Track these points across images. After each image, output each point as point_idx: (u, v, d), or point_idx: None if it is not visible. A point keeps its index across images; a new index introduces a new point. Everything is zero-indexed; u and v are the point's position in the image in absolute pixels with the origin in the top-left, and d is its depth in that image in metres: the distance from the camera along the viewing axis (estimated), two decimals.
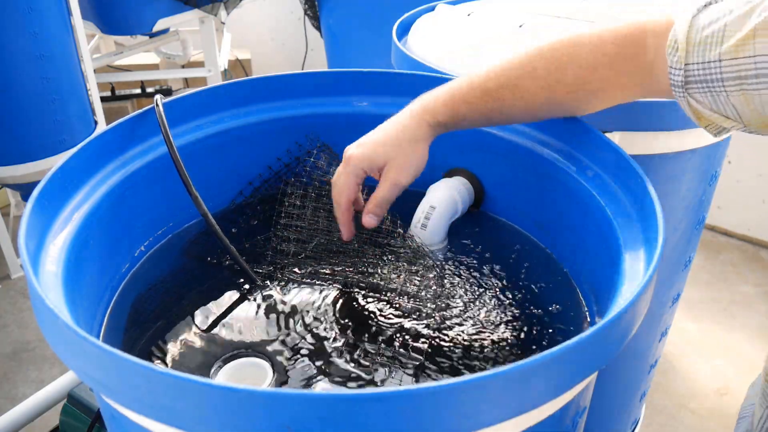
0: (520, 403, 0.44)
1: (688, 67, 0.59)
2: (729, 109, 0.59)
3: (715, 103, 0.59)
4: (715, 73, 0.58)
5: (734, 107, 0.58)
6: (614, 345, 0.48)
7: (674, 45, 0.60)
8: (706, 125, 0.63)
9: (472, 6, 1.27)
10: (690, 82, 0.60)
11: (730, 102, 0.58)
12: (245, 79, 0.85)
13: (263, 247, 0.78)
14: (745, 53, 0.55)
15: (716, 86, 0.58)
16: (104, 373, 0.44)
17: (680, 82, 0.60)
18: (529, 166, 0.79)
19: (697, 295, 2.02)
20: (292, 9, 3.19)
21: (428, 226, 0.80)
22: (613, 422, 1.31)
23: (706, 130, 0.64)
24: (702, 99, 0.60)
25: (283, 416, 0.39)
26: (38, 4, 1.60)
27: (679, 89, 0.61)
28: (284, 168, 0.89)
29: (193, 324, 0.68)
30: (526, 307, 0.71)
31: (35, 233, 0.58)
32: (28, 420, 1.05)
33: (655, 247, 0.55)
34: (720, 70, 0.57)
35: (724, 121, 0.61)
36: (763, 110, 0.56)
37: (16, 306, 1.98)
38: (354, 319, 0.68)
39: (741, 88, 0.56)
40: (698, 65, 0.59)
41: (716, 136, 0.65)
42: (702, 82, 0.59)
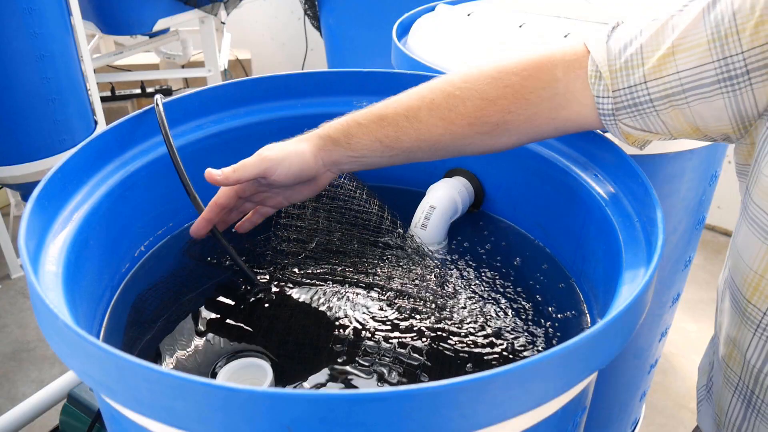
0: (520, 403, 0.43)
1: (615, 94, 0.60)
2: (659, 126, 0.60)
3: (645, 123, 0.60)
4: (643, 95, 0.58)
5: (664, 123, 0.59)
6: (614, 345, 0.48)
7: (596, 73, 0.60)
8: (633, 142, 0.64)
9: (472, 6, 1.27)
10: (619, 108, 0.60)
11: (660, 120, 0.59)
12: (245, 79, 0.85)
13: (263, 246, 0.78)
14: (668, 71, 0.56)
15: (646, 108, 0.59)
16: (104, 373, 0.44)
17: (610, 110, 0.61)
18: (529, 166, 0.79)
19: (697, 295, 2.02)
20: (292, 9, 3.19)
21: (428, 226, 0.80)
22: (613, 422, 1.31)
23: (632, 145, 0.65)
24: (631, 123, 0.61)
25: (283, 416, 0.39)
26: (38, 4, 1.60)
27: (609, 117, 0.61)
28: None
29: (193, 324, 0.68)
30: (526, 307, 0.71)
31: (35, 233, 0.58)
32: (28, 420, 1.05)
33: (655, 247, 0.55)
34: (647, 91, 0.58)
35: (653, 136, 0.62)
36: (694, 121, 0.58)
37: (16, 306, 1.98)
38: (354, 319, 0.68)
39: (670, 104, 0.58)
40: (624, 90, 0.59)
41: (641, 149, 0.66)
42: (631, 106, 0.60)
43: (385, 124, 0.66)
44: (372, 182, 0.84)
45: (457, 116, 0.65)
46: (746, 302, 0.60)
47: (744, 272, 0.59)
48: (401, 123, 0.66)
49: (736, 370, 0.65)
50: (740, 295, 0.61)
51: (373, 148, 0.67)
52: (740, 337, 0.63)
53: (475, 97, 0.64)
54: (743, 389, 0.65)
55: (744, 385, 0.65)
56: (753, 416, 0.66)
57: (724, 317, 0.67)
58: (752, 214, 0.57)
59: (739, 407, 0.67)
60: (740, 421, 0.68)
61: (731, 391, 0.67)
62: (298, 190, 0.72)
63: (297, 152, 0.67)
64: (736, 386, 0.67)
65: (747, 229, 0.58)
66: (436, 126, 0.65)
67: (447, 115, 0.65)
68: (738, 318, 0.62)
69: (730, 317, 0.65)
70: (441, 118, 0.65)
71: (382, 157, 0.68)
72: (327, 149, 0.68)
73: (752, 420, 0.66)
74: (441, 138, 0.66)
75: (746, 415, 0.67)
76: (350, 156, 0.68)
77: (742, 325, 0.62)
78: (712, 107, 0.56)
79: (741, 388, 0.66)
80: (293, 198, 0.74)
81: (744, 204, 0.60)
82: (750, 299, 0.59)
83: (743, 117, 0.56)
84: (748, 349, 0.62)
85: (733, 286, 0.63)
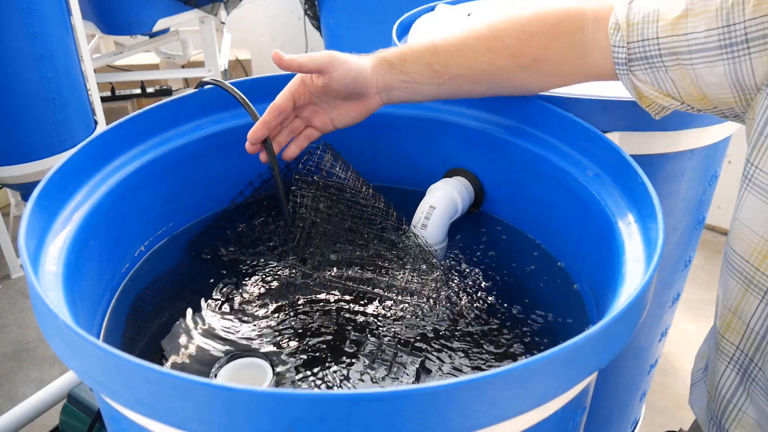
0: (520, 403, 0.44)
1: (630, 46, 0.64)
2: (668, 85, 0.64)
3: (655, 79, 0.64)
4: (654, 49, 0.63)
5: (672, 82, 0.63)
6: (614, 345, 0.48)
7: (615, 26, 0.65)
8: (648, 105, 0.68)
9: (472, 6, 1.27)
10: (632, 59, 0.65)
11: (669, 77, 0.63)
12: (245, 79, 0.85)
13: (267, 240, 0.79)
14: (679, 31, 0.60)
15: (655, 62, 0.63)
16: (104, 373, 0.44)
17: (623, 59, 0.65)
18: (529, 166, 0.79)
19: (697, 295, 2.02)
20: (292, 9, 3.20)
21: (428, 226, 0.80)
22: (613, 422, 1.31)
23: (648, 110, 0.69)
24: (643, 77, 0.65)
25: (283, 416, 0.39)
26: (38, 4, 1.60)
27: (623, 66, 0.66)
28: (284, 168, 0.89)
29: (193, 324, 0.68)
30: (525, 307, 0.71)
31: (35, 233, 0.58)
32: (28, 420, 1.05)
33: (655, 247, 0.55)
34: (658, 46, 0.62)
35: (664, 99, 0.66)
36: (698, 84, 0.61)
37: (16, 306, 1.98)
38: (355, 318, 0.68)
39: (677, 62, 0.61)
40: (638, 43, 0.64)
41: (656, 116, 0.69)
42: (643, 59, 0.64)
43: (435, 51, 0.72)
44: (372, 182, 0.84)
45: (501, 47, 0.71)
46: (755, 270, 0.62)
47: (749, 240, 0.62)
48: (450, 50, 0.72)
49: (733, 341, 0.68)
50: (746, 264, 0.63)
51: (424, 73, 0.73)
52: (744, 306, 0.65)
53: (518, 30, 0.70)
54: (740, 358, 0.67)
55: (742, 354, 0.67)
56: (747, 385, 0.68)
57: (721, 291, 0.69)
58: (760, 183, 0.60)
59: (733, 377, 0.69)
60: (731, 392, 0.70)
61: (725, 363, 0.70)
62: (346, 110, 0.76)
63: (358, 61, 0.74)
64: (731, 357, 0.69)
65: (754, 198, 0.61)
66: (482, 55, 0.72)
67: (492, 45, 0.71)
68: (742, 287, 0.65)
69: (728, 289, 0.67)
70: (487, 48, 0.71)
71: (431, 84, 0.74)
72: (382, 69, 0.73)
73: (746, 389, 0.68)
74: (485, 69, 0.72)
75: (739, 384, 0.69)
76: (402, 80, 0.73)
77: (748, 293, 0.64)
78: (713, 73, 0.59)
79: (737, 357, 0.68)
80: (339, 120, 0.77)
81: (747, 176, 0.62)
82: (759, 267, 0.61)
83: (743, 87, 0.59)
84: (752, 317, 0.64)
85: (735, 257, 0.65)
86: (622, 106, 0.85)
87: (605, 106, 0.84)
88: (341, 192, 0.80)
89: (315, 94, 0.76)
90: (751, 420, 0.68)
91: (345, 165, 0.83)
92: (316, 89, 0.75)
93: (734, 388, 0.69)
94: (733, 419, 0.70)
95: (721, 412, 0.71)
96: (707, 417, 0.75)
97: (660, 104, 0.67)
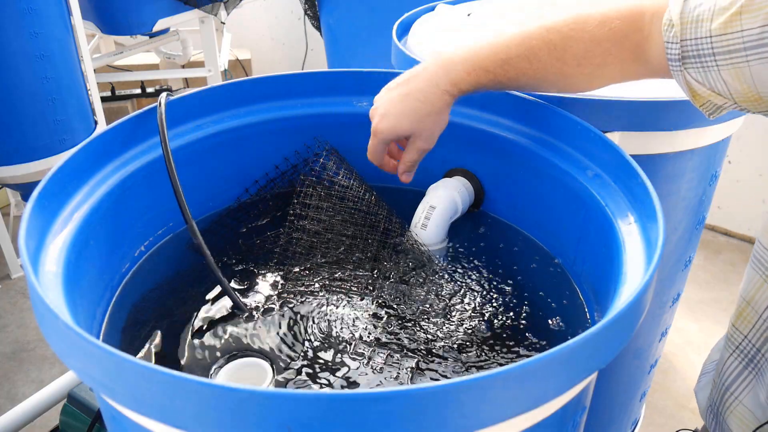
0: (520, 403, 0.44)
1: (683, 43, 0.63)
2: (720, 85, 0.62)
3: (707, 78, 0.63)
4: (707, 48, 0.61)
5: (725, 82, 0.62)
6: (614, 345, 0.48)
7: (669, 23, 0.64)
8: (702, 104, 0.67)
9: (472, 6, 1.28)
10: (686, 57, 0.64)
11: (721, 77, 0.62)
12: (245, 79, 0.85)
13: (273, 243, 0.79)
14: (733, 29, 0.59)
15: (708, 61, 0.62)
16: (104, 373, 0.44)
17: (677, 56, 0.64)
18: (529, 166, 0.79)
19: (697, 295, 2.02)
20: (292, 9, 3.19)
21: (428, 226, 0.80)
22: (613, 422, 1.31)
23: (702, 109, 0.67)
24: (696, 75, 0.64)
25: (283, 416, 0.39)
26: (38, 4, 1.60)
27: (676, 63, 0.64)
28: (291, 168, 0.89)
29: (193, 324, 0.68)
30: (526, 307, 0.71)
31: (35, 233, 0.58)
32: (28, 420, 1.05)
33: (655, 247, 0.55)
34: (711, 45, 0.61)
35: (717, 98, 0.64)
36: (752, 83, 0.60)
37: (16, 306, 1.99)
38: (355, 318, 0.68)
39: (731, 61, 0.60)
40: (692, 41, 0.63)
41: (710, 116, 0.68)
42: (696, 57, 0.63)
43: (508, 67, 0.71)
44: (372, 182, 0.84)
45: (570, 56, 0.70)
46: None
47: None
48: (522, 65, 0.71)
49: (743, 330, 0.68)
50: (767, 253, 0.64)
51: (492, 88, 0.74)
52: (759, 296, 0.66)
53: (586, 38, 0.69)
54: (746, 348, 0.68)
55: (749, 343, 0.68)
56: (751, 374, 0.68)
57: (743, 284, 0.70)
58: None
59: (735, 366, 0.70)
60: (731, 380, 0.71)
61: (730, 351, 0.70)
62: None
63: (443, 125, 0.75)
64: (737, 346, 0.69)
65: None
66: (553, 66, 0.70)
67: (562, 56, 0.70)
68: (760, 278, 0.65)
69: (748, 281, 0.68)
70: (557, 58, 0.70)
71: (492, 90, 0.75)
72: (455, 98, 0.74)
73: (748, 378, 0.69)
74: (551, 77, 0.72)
75: (740, 373, 0.70)
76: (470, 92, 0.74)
77: (765, 283, 0.64)
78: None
79: (744, 347, 0.69)
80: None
81: None
82: None
83: None
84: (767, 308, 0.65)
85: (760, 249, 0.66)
86: (622, 106, 0.85)
87: (605, 106, 0.84)
88: (343, 200, 0.80)
89: None
90: (746, 409, 0.69)
91: (349, 169, 0.83)
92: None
93: (734, 376, 0.70)
94: (728, 406, 0.71)
95: (720, 398, 0.72)
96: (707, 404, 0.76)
97: (714, 103, 0.66)
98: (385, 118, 0.73)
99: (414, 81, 0.73)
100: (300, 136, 0.89)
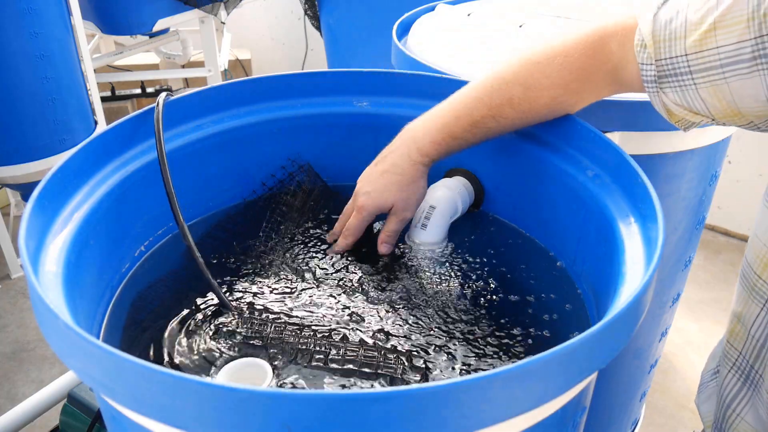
0: (520, 403, 0.43)
1: (659, 63, 0.62)
2: (698, 104, 0.61)
3: (684, 98, 0.61)
4: (683, 66, 0.60)
5: (703, 101, 0.61)
6: (614, 345, 0.48)
7: (641, 43, 0.62)
8: (677, 121, 0.66)
9: (472, 6, 1.27)
10: (662, 76, 0.62)
11: (698, 96, 0.60)
12: (245, 79, 0.85)
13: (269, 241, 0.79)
14: (708, 45, 0.58)
15: (685, 80, 0.61)
16: (104, 373, 0.44)
17: (653, 77, 0.62)
18: (529, 166, 0.79)
19: (697, 295, 2.02)
20: (292, 9, 3.19)
21: (428, 226, 0.80)
22: (613, 422, 1.31)
23: (676, 125, 0.67)
24: (673, 96, 0.62)
25: (283, 416, 0.39)
26: (38, 4, 1.60)
27: (652, 84, 0.63)
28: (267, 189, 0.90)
29: (193, 324, 0.68)
30: (525, 307, 0.71)
31: (35, 233, 0.58)
32: (28, 420, 1.05)
33: (655, 247, 0.55)
34: (687, 63, 0.60)
35: (693, 117, 0.63)
36: (732, 99, 0.59)
37: (16, 306, 1.99)
38: (355, 319, 0.68)
39: (708, 79, 0.59)
40: (667, 60, 0.61)
41: (685, 131, 0.67)
42: (672, 76, 0.61)
43: (476, 130, 0.73)
44: None
45: (539, 106, 0.70)
46: (756, 277, 0.62)
47: (756, 248, 0.62)
48: (489, 124, 0.72)
49: (737, 347, 0.68)
50: (751, 272, 0.63)
51: (462, 148, 0.76)
52: (746, 313, 0.65)
53: (552, 86, 0.69)
54: (742, 364, 0.68)
55: (744, 360, 0.67)
56: (749, 392, 0.68)
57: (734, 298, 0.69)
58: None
59: (734, 383, 0.69)
60: (731, 397, 0.70)
61: (728, 367, 0.70)
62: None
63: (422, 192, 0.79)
64: (734, 362, 0.69)
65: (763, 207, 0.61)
66: (518, 119, 0.72)
67: (529, 108, 0.70)
68: (746, 294, 0.64)
69: (737, 295, 0.67)
70: (522, 111, 0.71)
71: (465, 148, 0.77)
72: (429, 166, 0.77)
73: (747, 395, 0.68)
74: (517, 125, 0.73)
75: (740, 389, 0.69)
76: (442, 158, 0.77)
77: (750, 300, 0.64)
78: (748, 85, 0.57)
79: (740, 363, 0.68)
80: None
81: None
82: (761, 275, 0.61)
83: None
84: (753, 324, 0.64)
85: (745, 264, 0.65)
86: (622, 106, 0.85)
87: (605, 106, 0.84)
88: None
89: None
90: (749, 426, 0.68)
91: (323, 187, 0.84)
92: None
93: (734, 393, 0.69)
94: (732, 423, 0.70)
95: (723, 416, 0.72)
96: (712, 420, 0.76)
97: (688, 120, 0.65)
98: (368, 196, 0.76)
99: (390, 157, 0.76)
100: (300, 136, 0.89)
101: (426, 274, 0.75)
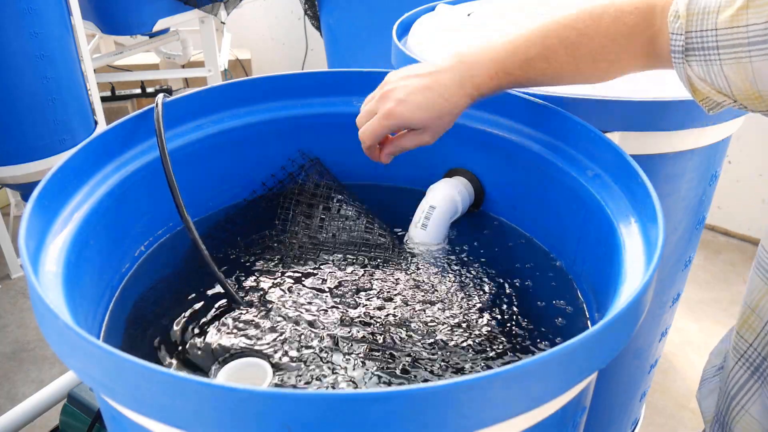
0: (520, 403, 0.43)
1: (688, 35, 0.62)
2: (721, 81, 0.61)
3: (709, 74, 0.62)
4: (711, 41, 0.60)
5: (726, 78, 0.61)
6: (614, 345, 0.48)
7: (676, 14, 0.63)
8: (701, 99, 0.66)
9: (472, 6, 1.28)
10: (689, 49, 0.62)
11: (722, 72, 0.61)
12: (245, 79, 0.85)
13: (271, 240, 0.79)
14: (739, 23, 0.58)
15: (711, 55, 0.61)
16: (104, 373, 0.44)
17: (680, 48, 0.63)
18: (529, 166, 0.79)
19: (697, 295, 2.02)
20: (292, 9, 3.19)
21: (428, 226, 0.80)
22: (613, 422, 1.31)
23: (701, 104, 0.67)
24: (698, 69, 0.63)
25: (282, 416, 0.39)
26: (38, 4, 1.60)
27: (679, 55, 0.63)
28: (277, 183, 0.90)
29: (193, 324, 0.68)
30: (525, 307, 0.71)
31: (35, 233, 0.58)
32: (28, 420, 1.05)
33: (655, 247, 0.55)
34: (716, 38, 0.60)
35: (717, 95, 0.64)
36: (753, 80, 0.59)
37: (16, 306, 1.99)
38: (355, 319, 0.68)
39: (734, 56, 0.59)
40: (696, 33, 0.61)
41: (710, 112, 0.67)
42: (699, 49, 0.62)
43: (528, 68, 0.70)
44: (372, 181, 0.84)
45: (586, 54, 0.69)
46: None
47: None
48: (541, 65, 0.70)
49: (747, 338, 0.68)
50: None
51: (509, 88, 0.73)
52: (764, 303, 0.65)
53: (601, 35, 0.68)
54: (751, 356, 0.68)
55: (755, 352, 0.67)
56: (757, 384, 0.68)
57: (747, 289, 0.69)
58: None
59: (740, 375, 0.69)
60: (737, 389, 0.70)
61: (735, 359, 0.70)
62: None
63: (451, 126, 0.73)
64: (742, 354, 0.69)
65: None
66: (569, 64, 0.69)
67: (578, 53, 0.69)
68: (766, 284, 0.64)
69: (752, 286, 0.67)
70: (574, 56, 0.69)
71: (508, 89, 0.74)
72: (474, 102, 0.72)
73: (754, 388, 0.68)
74: (567, 74, 0.71)
75: (746, 382, 0.69)
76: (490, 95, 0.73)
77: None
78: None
79: (749, 355, 0.68)
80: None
81: None
82: None
83: None
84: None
85: (762, 253, 0.65)
86: (622, 106, 0.85)
87: (605, 106, 0.84)
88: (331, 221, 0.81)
89: None
90: (754, 420, 0.69)
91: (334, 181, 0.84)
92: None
93: (740, 385, 0.70)
94: (735, 416, 0.71)
95: (726, 408, 0.72)
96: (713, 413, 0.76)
97: (713, 100, 0.65)
98: (404, 105, 0.70)
99: (437, 76, 0.71)
100: (300, 136, 0.89)
101: (425, 274, 0.75)
